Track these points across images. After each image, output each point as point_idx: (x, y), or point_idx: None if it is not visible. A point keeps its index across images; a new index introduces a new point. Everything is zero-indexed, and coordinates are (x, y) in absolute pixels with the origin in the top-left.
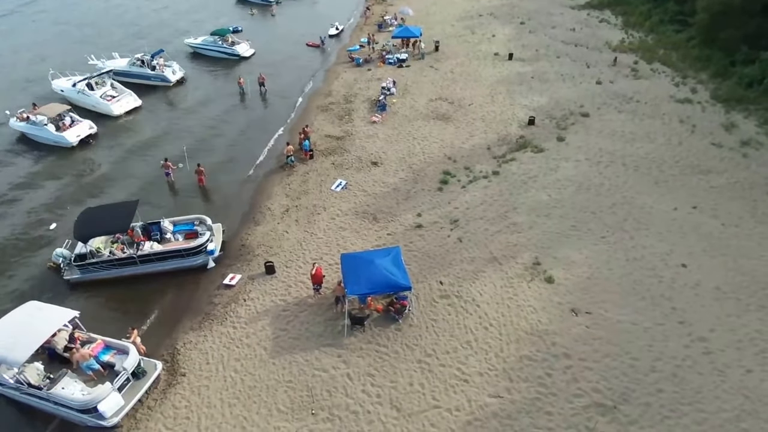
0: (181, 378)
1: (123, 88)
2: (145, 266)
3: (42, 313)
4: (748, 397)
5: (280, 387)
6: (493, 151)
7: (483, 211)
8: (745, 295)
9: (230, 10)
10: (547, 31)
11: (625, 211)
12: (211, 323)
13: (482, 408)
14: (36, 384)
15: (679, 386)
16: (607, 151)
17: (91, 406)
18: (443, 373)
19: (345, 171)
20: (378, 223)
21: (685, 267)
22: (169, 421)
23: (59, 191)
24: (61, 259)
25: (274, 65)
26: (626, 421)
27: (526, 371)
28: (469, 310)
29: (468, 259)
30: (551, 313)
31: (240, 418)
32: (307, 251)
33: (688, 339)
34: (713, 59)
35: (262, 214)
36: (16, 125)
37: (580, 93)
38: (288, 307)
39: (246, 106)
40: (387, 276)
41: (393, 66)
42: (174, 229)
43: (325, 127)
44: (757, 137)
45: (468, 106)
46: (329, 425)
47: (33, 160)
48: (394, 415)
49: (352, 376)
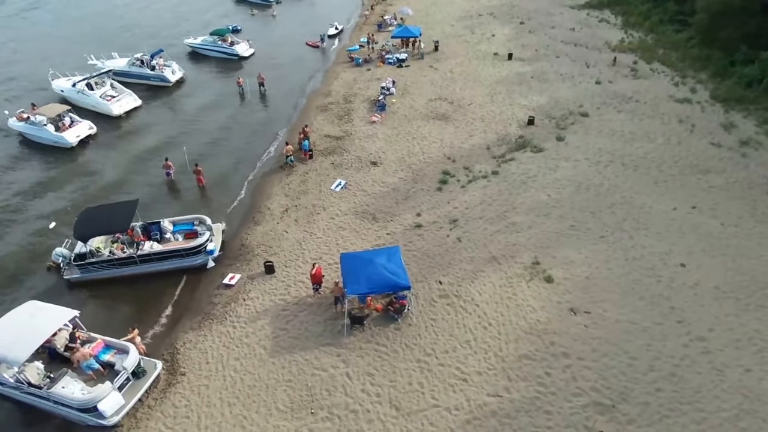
0: (181, 377)
1: (123, 88)
2: (145, 266)
3: (42, 313)
4: (747, 397)
5: (279, 386)
6: (492, 151)
7: (482, 211)
8: (744, 295)
9: (230, 10)
10: (546, 30)
11: (625, 211)
12: (211, 323)
13: (481, 407)
14: (36, 383)
15: (678, 385)
16: (606, 151)
17: (91, 405)
18: (442, 373)
19: (344, 171)
20: (377, 223)
21: (684, 267)
22: (169, 420)
23: (59, 191)
24: (61, 258)
25: (274, 65)
26: (625, 420)
27: (525, 370)
28: (468, 309)
29: (467, 258)
30: (550, 312)
31: (239, 417)
32: (307, 251)
33: (687, 338)
34: (713, 59)
35: (262, 213)
36: (15, 125)
37: (580, 93)
38: (287, 307)
39: (245, 106)
40: (386, 275)
41: (392, 66)
42: (174, 228)
43: (324, 127)
44: (757, 137)
45: (467, 105)
46: (329, 424)
47: (32, 160)
48: (394, 414)
49: (351, 375)
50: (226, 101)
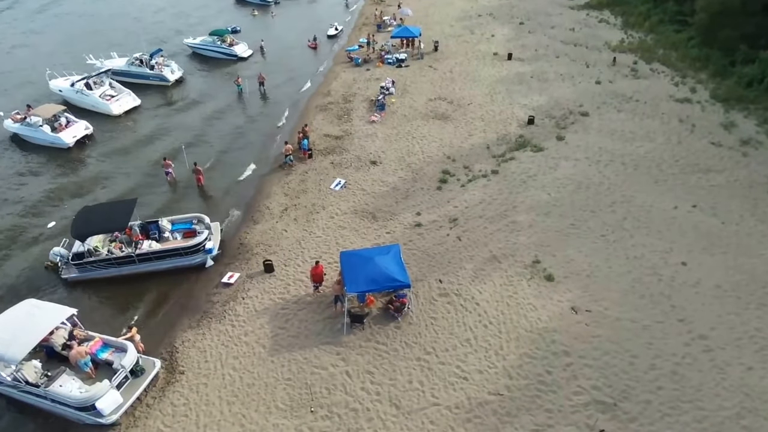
0: (180, 376)
1: (122, 88)
2: (144, 265)
3: (40, 311)
4: (749, 395)
5: (279, 385)
6: (492, 150)
7: (482, 210)
8: (745, 293)
9: (231, 11)
10: (546, 31)
11: (625, 210)
12: (210, 321)
13: (482, 405)
14: (34, 382)
15: (679, 384)
16: (606, 150)
17: (89, 403)
18: (443, 371)
19: (344, 170)
20: (377, 222)
21: (685, 265)
22: (168, 419)
23: (57, 191)
24: (59, 257)
25: (274, 65)
26: (626, 419)
27: (526, 369)
28: (468, 308)
29: (467, 257)
30: (551, 311)
31: (239, 416)
32: (306, 250)
33: (688, 337)
34: (712, 59)
35: (261, 212)
36: (10, 127)
37: (580, 92)
38: (287, 306)
39: (244, 105)
40: (386, 274)
41: (392, 66)
42: (172, 227)
43: (324, 126)
44: (757, 136)
45: (467, 105)
46: (328, 423)
47: (29, 161)
48: (394, 412)
49: (351, 373)
50: (225, 101)
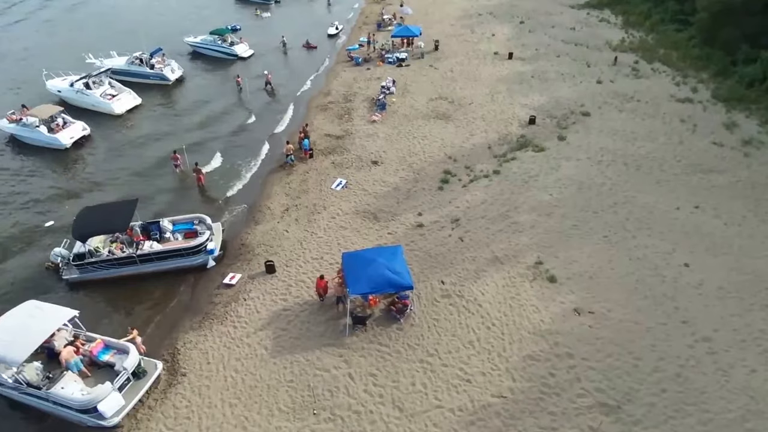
0: (182, 378)
1: (121, 87)
2: (145, 266)
3: (41, 313)
4: (753, 397)
5: (281, 387)
6: (493, 150)
7: (484, 211)
8: (749, 295)
9: (231, 10)
10: (546, 30)
11: (627, 211)
12: (212, 323)
13: (485, 408)
14: (35, 383)
15: (683, 386)
16: (608, 151)
17: (91, 406)
18: (446, 373)
19: (345, 170)
20: (378, 223)
21: (688, 266)
22: (170, 421)
23: (56, 192)
24: (60, 258)
25: (274, 65)
26: (630, 421)
27: (529, 371)
28: (471, 309)
29: (469, 258)
30: (554, 312)
31: (241, 418)
32: (308, 250)
33: (691, 339)
34: (714, 58)
35: (262, 213)
36: (5, 127)
37: (581, 92)
38: (289, 307)
39: (244, 104)
40: (389, 275)
41: (392, 65)
42: (173, 228)
43: (324, 126)
44: (759, 136)
45: (468, 105)
46: (331, 425)
47: (26, 162)
48: (397, 415)
49: (353, 375)
50: (225, 100)
